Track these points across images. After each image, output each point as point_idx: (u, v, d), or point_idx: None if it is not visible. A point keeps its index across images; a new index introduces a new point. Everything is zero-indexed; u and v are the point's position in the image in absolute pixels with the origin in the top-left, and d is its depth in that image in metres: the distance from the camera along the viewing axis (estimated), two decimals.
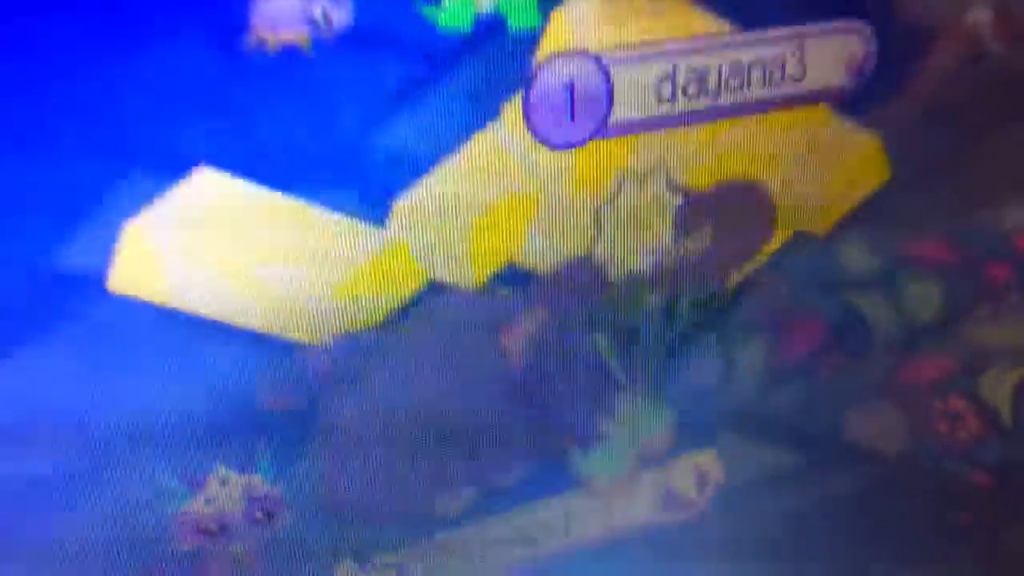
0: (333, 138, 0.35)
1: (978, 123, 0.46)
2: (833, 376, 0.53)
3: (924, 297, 0.55)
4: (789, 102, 0.41)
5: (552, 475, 0.45)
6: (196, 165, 0.34)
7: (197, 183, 0.34)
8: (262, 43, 0.33)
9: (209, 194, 0.34)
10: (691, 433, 0.47)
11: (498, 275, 0.40)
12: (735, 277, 0.44)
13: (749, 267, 0.44)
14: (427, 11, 0.34)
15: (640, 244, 0.41)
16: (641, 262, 0.42)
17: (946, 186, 0.48)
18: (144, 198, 0.33)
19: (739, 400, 0.52)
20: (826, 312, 0.54)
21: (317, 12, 0.33)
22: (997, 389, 0.55)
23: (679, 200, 0.41)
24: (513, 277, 0.40)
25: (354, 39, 0.34)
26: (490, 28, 0.35)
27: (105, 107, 0.32)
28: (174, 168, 0.33)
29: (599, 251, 0.41)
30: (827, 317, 0.54)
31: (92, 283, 0.33)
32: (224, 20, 0.32)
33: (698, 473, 0.48)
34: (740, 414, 0.52)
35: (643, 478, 0.46)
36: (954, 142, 0.46)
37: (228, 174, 0.34)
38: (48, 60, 0.31)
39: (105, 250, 0.33)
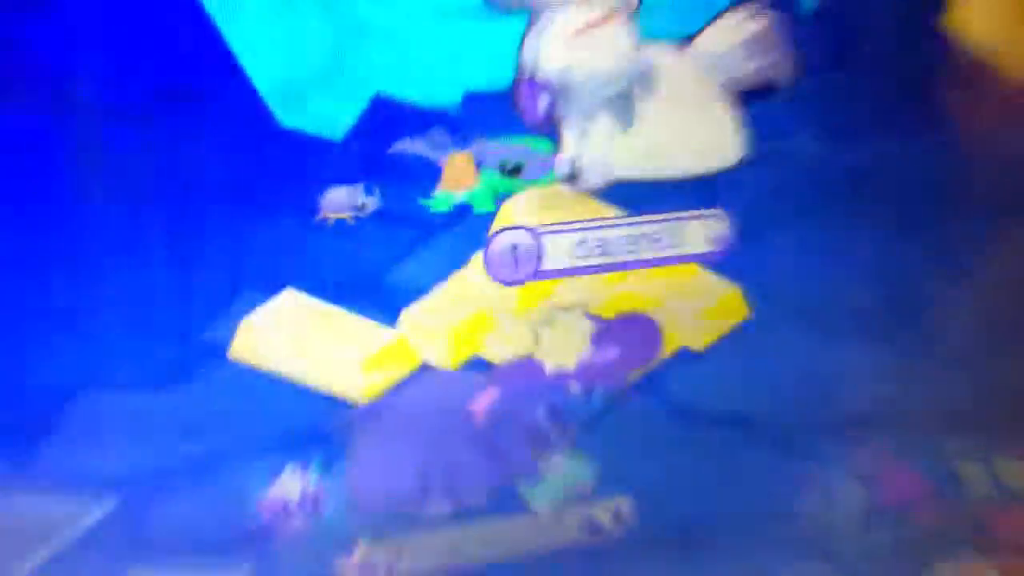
0: (365, 273, 0.59)
1: None
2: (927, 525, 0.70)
3: (1017, 473, 0.72)
4: (668, 262, 0.63)
5: (507, 501, 0.66)
6: (285, 287, 0.58)
7: (285, 297, 0.58)
8: (325, 219, 0.57)
9: (292, 304, 0.58)
10: (610, 481, 0.67)
11: (468, 363, 0.62)
12: (633, 377, 0.65)
13: (644, 370, 0.65)
14: (424, 201, 0.58)
15: (566, 353, 0.63)
16: (567, 363, 0.64)
17: None
18: (255, 305, 0.58)
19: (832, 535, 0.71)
20: (925, 468, 0.71)
21: (359, 202, 0.57)
22: None
23: (593, 325, 0.63)
24: (478, 365, 0.63)
25: (380, 216, 0.58)
26: (463, 210, 0.59)
27: (240, 253, 0.57)
28: (272, 288, 0.58)
29: (538, 354, 0.63)
30: (925, 472, 0.71)
31: (222, 352, 0.58)
32: (304, 207, 0.57)
33: (615, 510, 0.68)
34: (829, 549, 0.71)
35: (572, 509, 0.67)
36: None
37: (304, 293, 0.58)
38: (217, 223, 0.56)
39: (230, 334, 0.58)
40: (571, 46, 0.57)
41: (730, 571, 0.71)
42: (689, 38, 0.59)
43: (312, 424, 0.61)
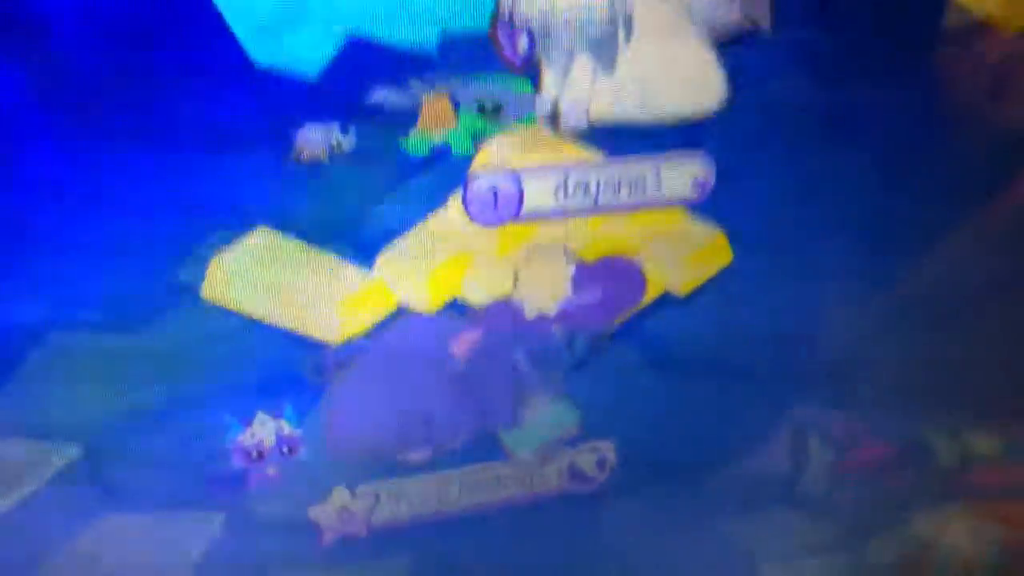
0: (341, 213, 0.58)
1: None
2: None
3: (987, 443, 0.73)
4: (650, 205, 0.62)
5: (487, 446, 0.65)
6: (257, 224, 0.57)
7: (258, 235, 0.57)
8: (299, 155, 0.56)
9: (265, 243, 0.57)
10: (593, 426, 0.67)
11: (447, 305, 0.62)
12: (617, 322, 0.64)
13: (627, 315, 0.65)
14: (401, 141, 0.57)
15: (546, 296, 0.62)
16: (548, 307, 0.63)
17: None
18: (227, 243, 0.57)
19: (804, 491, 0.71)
20: (893, 438, 0.72)
21: (333, 141, 0.56)
22: None
23: (573, 268, 0.62)
24: (457, 307, 0.62)
25: (356, 156, 0.57)
26: (441, 152, 0.58)
27: (212, 190, 0.55)
28: (245, 225, 0.57)
29: (517, 297, 0.62)
30: (893, 442, 0.72)
31: (194, 292, 0.57)
32: (278, 146, 0.55)
33: (598, 456, 0.68)
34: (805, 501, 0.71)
35: (554, 456, 0.67)
36: None
37: (277, 231, 0.57)
38: (188, 160, 0.55)
39: (202, 272, 0.57)
40: None
41: (710, 516, 0.72)
42: None
43: (287, 367, 0.60)
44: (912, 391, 0.72)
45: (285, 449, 0.61)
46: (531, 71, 0.57)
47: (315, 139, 0.56)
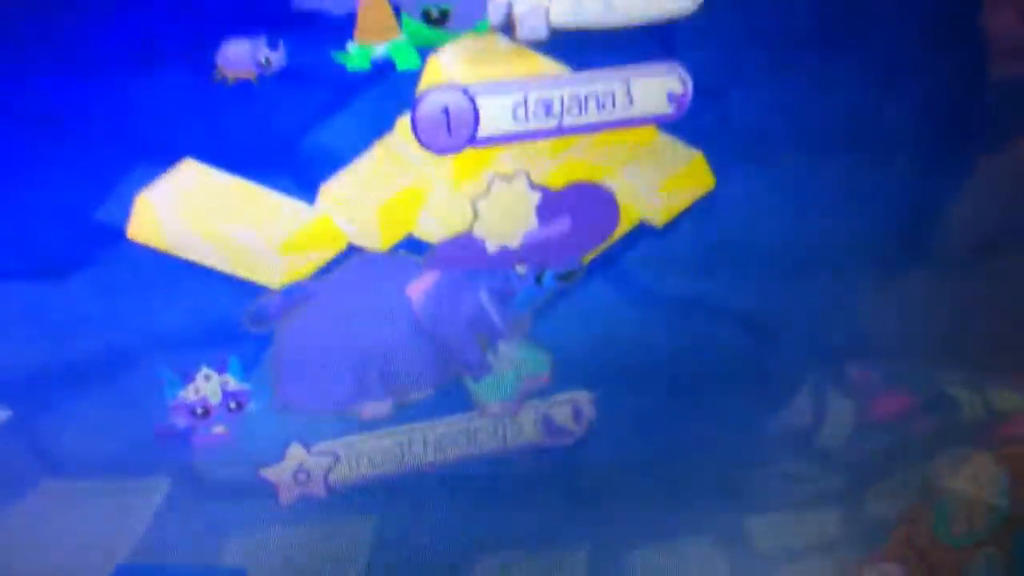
0: (275, 141, 0.52)
1: None
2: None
3: (1009, 398, 0.67)
4: (621, 124, 0.56)
5: (453, 397, 0.60)
6: (183, 157, 0.51)
7: (184, 169, 0.52)
8: (224, 77, 0.50)
9: (191, 177, 0.52)
10: (567, 374, 0.61)
11: (400, 243, 0.56)
12: (589, 256, 0.59)
13: (601, 247, 0.59)
14: (338, 56, 0.51)
15: (509, 229, 0.57)
16: (511, 240, 0.57)
17: None
18: (150, 178, 0.51)
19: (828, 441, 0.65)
20: (916, 390, 0.67)
21: (261, 57, 0.50)
22: None
23: (538, 196, 0.57)
24: (412, 245, 0.56)
25: (288, 74, 0.51)
26: (384, 67, 0.52)
27: (128, 119, 0.50)
28: (169, 159, 0.51)
29: (478, 231, 0.57)
30: (917, 394, 0.67)
31: (116, 232, 0.51)
32: (198, 62, 0.50)
33: (574, 407, 0.62)
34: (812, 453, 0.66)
35: (527, 406, 0.61)
36: None
37: (204, 164, 0.52)
38: (98, 85, 0.49)
39: (125, 211, 0.51)
40: None
41: (703, 468, 0.66)
42: None
43: (228, 315, 0.54)
44: (928, 335, 0.66)
45: (232, 405, 0.56)
46: None
47: (240, 56, 0.50)
